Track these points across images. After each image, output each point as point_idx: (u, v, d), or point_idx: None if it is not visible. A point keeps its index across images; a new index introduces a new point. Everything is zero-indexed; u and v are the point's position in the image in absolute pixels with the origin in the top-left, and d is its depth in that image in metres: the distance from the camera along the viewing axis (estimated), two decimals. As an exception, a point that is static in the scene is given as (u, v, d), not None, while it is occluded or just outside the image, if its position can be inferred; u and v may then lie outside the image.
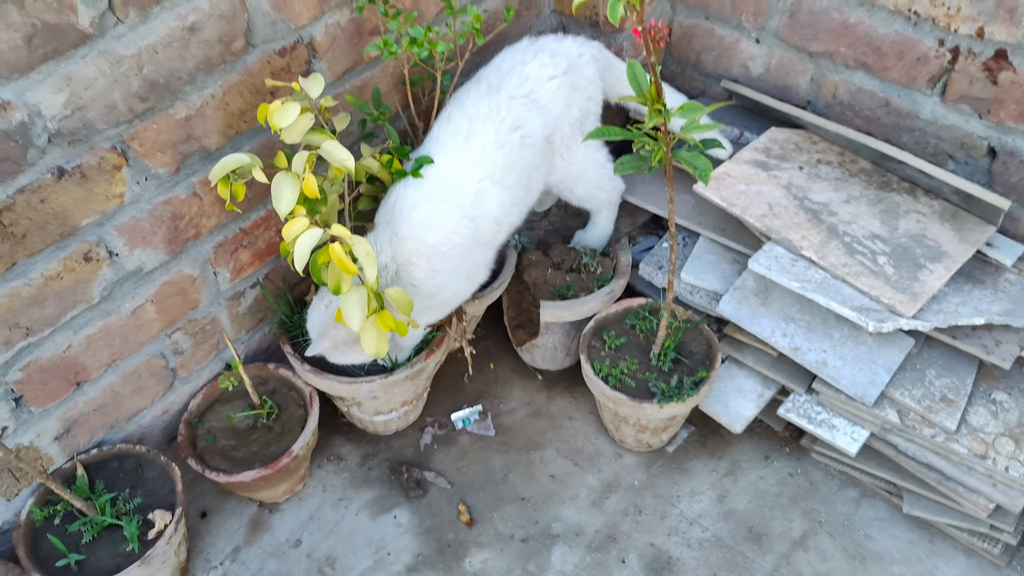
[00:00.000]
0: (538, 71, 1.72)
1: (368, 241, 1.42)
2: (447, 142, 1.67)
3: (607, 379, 1.79)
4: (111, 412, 1.71)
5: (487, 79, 1.71)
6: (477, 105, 1.67)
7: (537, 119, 1.71)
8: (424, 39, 1.61)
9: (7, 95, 1.28)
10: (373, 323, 1.49)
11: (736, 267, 1.90)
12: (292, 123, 1.44)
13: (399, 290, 1.51)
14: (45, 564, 1.54)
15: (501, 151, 1.66)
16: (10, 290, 1.43)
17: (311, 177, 1.41)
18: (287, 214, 1.40)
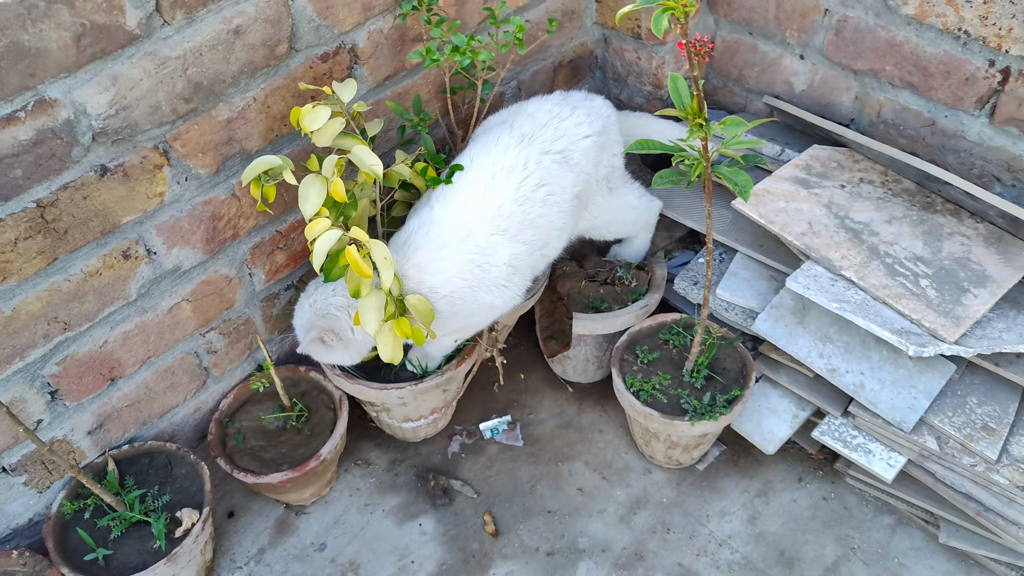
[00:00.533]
0: (575, 128, 1.69)
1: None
2: (465, 187, 1.61)
3: (638, 394, 1.77)
4: (144, 408, 1.72)
5: (520, 127, 1.65)
6: (505, 155, 1.61)
7: (568, 176, 1.66)
8: (467, 47, 1.61)
9: (55, 93, 1.30)
10: (389, 328, 1.49)
11: (773, 285, 1.88)
12: (323, 127, 1.45)
13: (420, 298, 1.50)
14: (73, 558, 1.55)
15: (521, 208, 1.60)
16: (50, 285, 1.44)
17: (339, 181, 1.41)
18: (312, 216, 1.41)
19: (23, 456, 1.56)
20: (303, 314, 1.64)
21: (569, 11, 2.07)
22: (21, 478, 1.58)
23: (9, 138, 1.28)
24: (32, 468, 1.59)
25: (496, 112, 1.81)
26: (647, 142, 1.42)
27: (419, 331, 1.51)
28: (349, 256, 1.37)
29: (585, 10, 2.11)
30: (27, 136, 1.30)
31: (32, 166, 1.33)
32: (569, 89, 2.22)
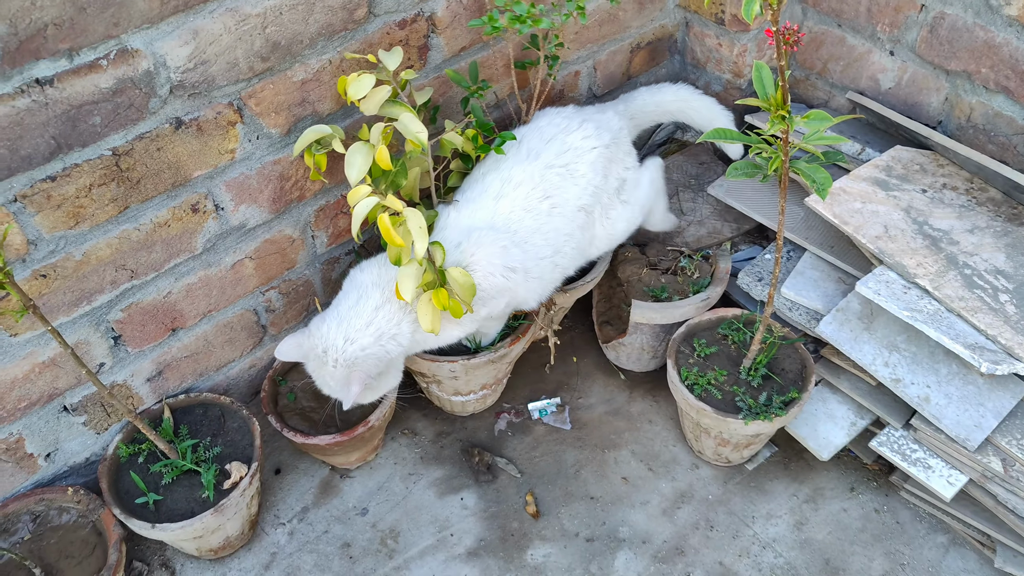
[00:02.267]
0: (580, 142, 1.71)
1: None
2: (475, 197, 1.65)
3: (692, 387, 1.74)
4: (202, 360, 1.75)
5: (527, 144, 1.69)
6: (511, 171, 1.66)
7: (572, 189, 1.69)
8: (528, 15, 1.58)
9: (137, 43, 1.32)
10: (428, 299, 1.48)
11: (841, 287, 1.82)
12: (368, 94, 1.44)
13: (461, 271, 1.49)
14: (125, 499, 1.59)
15: (528, 215, 1.64)
16: (121, 233, 1.47)
17: (384, 148, 1.41)
18: (356, 182, 1.41)
19: (84, 397, 1.60)
20: (329, 376, 1.56)
21: (652, -8, 2.02)
22: (81, 418, 1.62)
23: (91, 85, 1.30)
24: (92, 409, 1.63)
25: (547, 109, 1.81)
26: (723, 131, 1.38)
27: (457, 304, 1.50)
28: (380, 223, 1.36)
29: (668, -9, 2.06)
30: (108, 84, 1.32)
31: (110, 114, 1.34)
32: (647, 72, 2.19)
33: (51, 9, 1.20)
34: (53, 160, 1.32)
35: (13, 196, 1.31)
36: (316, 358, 1.56)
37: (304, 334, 1.58)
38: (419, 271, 1.44)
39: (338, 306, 1.59)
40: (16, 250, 1.36)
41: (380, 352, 1.55)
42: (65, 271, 1.44)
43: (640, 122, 2.00)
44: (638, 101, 1.96)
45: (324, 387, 1.60)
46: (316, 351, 1.55)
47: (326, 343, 1.54)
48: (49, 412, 1.57)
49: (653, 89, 1.98)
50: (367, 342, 1.54)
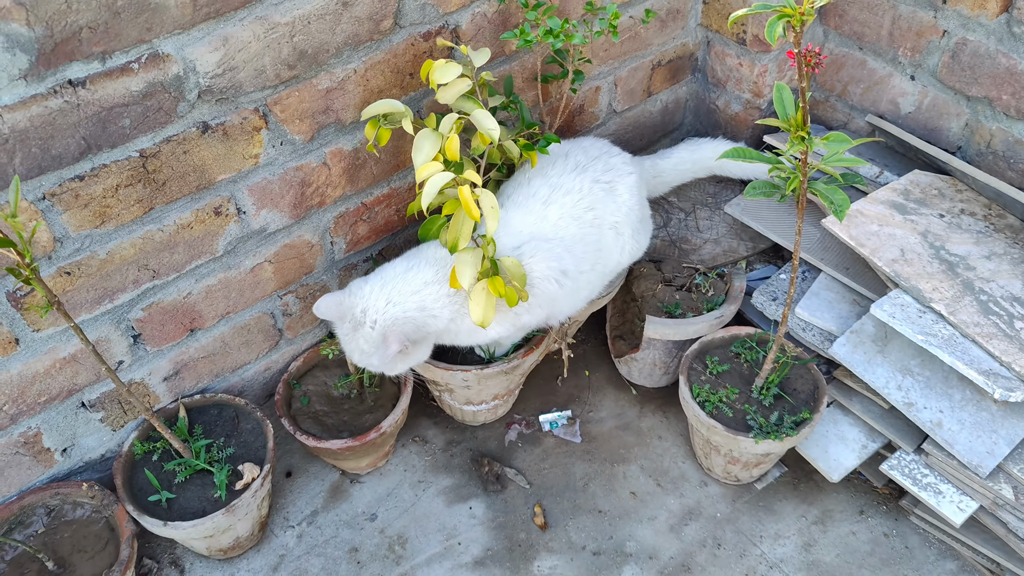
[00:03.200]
0: (621, 165, 1.78)
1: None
2: (522, 202, 1.68)
3: (704, 404, 1.74)
4: (218, 361, 1.77)
5: (575, 157, 1.75)
6: (561, 178, 1.70)
7: (611, 204, 1.74)
8: (560, 30, 1.60)
9: (168, 48, 1.34)
10: (484, 287, 1.49)
11: (855, 309, 1.82)
12: (451, 82, 1.46)
13: (514, 260, 1.50)
14: (138, 496, 1.61)
15: (575, 223, 1.69)
16: (145, 233, 1.50)
17: (455, 138, 1.42)
18: (422, 165, 1.42)
19: (102, 394, 1.63)
20: (363, 339, 1.57)
21: (674, 10, 2.04)
22: (98, 414, 1.64)
23: (122, 88, 1.32)
24: (109, 406, 1.65)
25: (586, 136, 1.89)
26: (742, 150, 1.39)
27: (512, 291, 1.51)
28: (461, 195, 1.36)
29: (690, 10, 2.08)
30: (138, 87, 1.34)
31: (140, 117, 1.37)
32: (667, 89, 2.20)
33: (87, 13, 1.23)
34: (82, 160, 1.35)
35: (42, 194, 1.34)
36: (352, 319, 1.57)
37: (344, 293, 1.60)
38: (479, 257, 1.45)
39: (383, 272, 1.61)
40: (43, 247, 1.38)
41: (420, 319, 1.57)
42: (89, 269, 1.46)
43: (670, 180, 2.09)
44: (673, 159, 2.05)
45: (355, 352, 1.60)
46: (355, 310, 1.56)
47: (366, 303, 1.56)
48: (68, 408, 1.59)
49: (691, 145, 2.08)
50: (409, 306, 1.56)
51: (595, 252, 1.73)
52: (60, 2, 1.20)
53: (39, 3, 1.18)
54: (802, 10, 1.08)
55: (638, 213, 1.82)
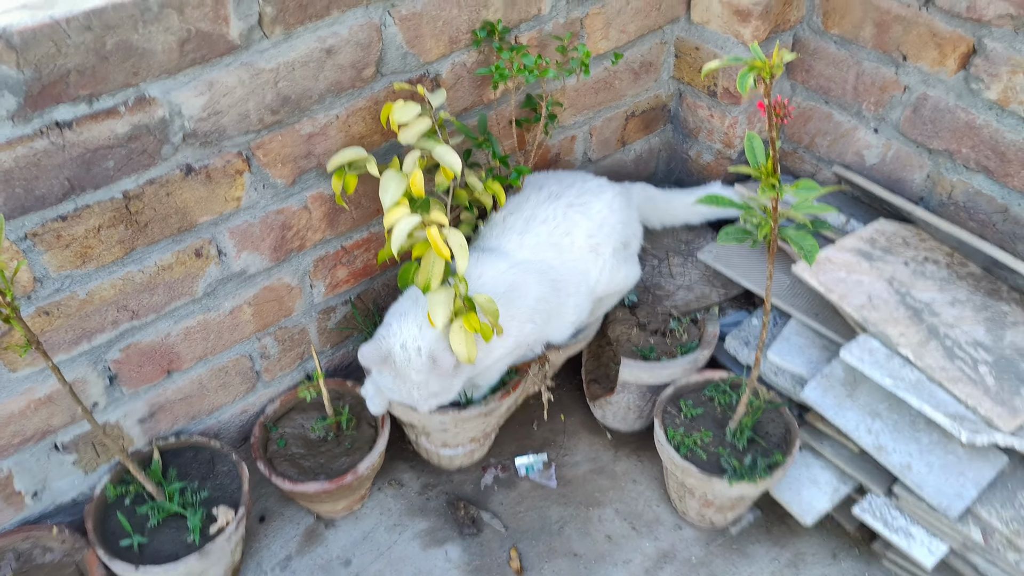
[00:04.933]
0: (595, 187, 1.86)
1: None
2: (497, 238, 1.76)
3: (679, 447, 1.76)
4: (195, 404, 1.76)
5: (549, 188, 1.81)
6: (536, 209, 1.78)
7: (586, 224, 1.79)
8: (535, 66, 1.65)
9: (154, 92, 1.37)
10: (461, 325, 1.51)
11: (826, 354, 1.86)
12: (410, 122, 1.50)
13: (487, 296, 1.53)
14: (110, 541, 1.59)
15: (552, 249, 1.75)
16: (125, 274, 1.50)
17: (418, 173, 1.46)
18: (390, 206, 1.45)
19: (76, 436, 1.61)
20: (414, 370, 1.59)
21: (647, 62, 2.11)
22: (71, 457, 1.63)
23: (107, 130, 1.34)
24: (83, 449, 1.63)
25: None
26: (717, 197, 1.43)
27: (487, 327, 1.53)
28: (430, 236, 1.40)
29: (663, 63, 2.15)
30: (124, 130, 1.36)
31: (124, 159, 1.39)
32: (641, 139, 2.26)
33: (75, 56, 1.25)
34: (66, 201, 1.36)
35: (24, 234, 1.35)
36: (393, 361, 1.59)
37: (375, 340, 1.62)
38: (450, 296, 1.48)
39: (396, 308, 1.66)
40: (23, 287, 1.39)
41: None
42: (69, 309, 1.46)
43: (683, 216, 2.16)
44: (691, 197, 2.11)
45: (414, 391, 1.61)
46: (393, 349, 1.59)
47: (402, 338, 1.59)
48: (41, 449, 1.58)
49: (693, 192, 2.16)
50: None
51: (577, 275, 1.78)
52: (50, 46, 1.22)
53: (29, 46, 1.20)
54: (772, 63, 1.13)
55: (620, 232, 1.85)
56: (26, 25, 1.19)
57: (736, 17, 1.95)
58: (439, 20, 1.64)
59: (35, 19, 1.20)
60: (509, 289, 1.66)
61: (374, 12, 1.54)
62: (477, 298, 1.52)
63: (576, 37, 1.89)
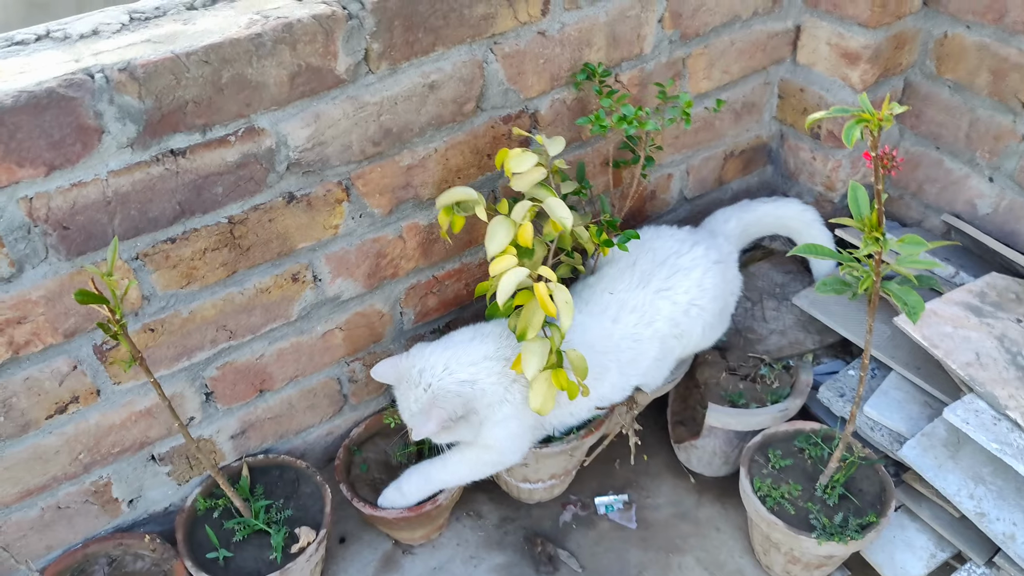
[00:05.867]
0: (688, 263, 1.79)
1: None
2: (594, 311, 1.74)
3: (765, 499, 1.71)
4: (283, 423, 1.81)
5: (641, 266, 1.78)
6: (628, 294, 1.76)
7: (673, 312, 1.77)
8: (634, 117, 1.64)
9: (263, 123, 1.42)
10: (547, 378, 1.50)
11: (927, 411, 1.78)
12: (526, 171, 1.51)
13: (579, 354, 1.51)
14: (197, 553, 1.63)
15: (634, 344, 1.74)
16: (226, 295, 1.56)
17: (528, 225, 1.45)
18: (496, 254, 1.45)
19: (171, 448, 1.67)
20: (414, 399, 1.59)
21: (750, 103, 2.07)
22: (166, 468, 1.69)
23: (218, 158, 1.40)
24: (177, 461, 1.69)
25: (663, 227, 1.91)
26: (815, 247, 1.39)
27: (573, 385, 1.52)
28: (538, 292, 1.39)
29: (766, 104, 2.11)
30: (233, 158, 1.42)
31: (232, 185, 1.44)
32: (739, 179, 2.22)
33: (193, 88, 1.31)
34: (176, 224, 1.42)
35: (136, 254, 1.41)
36: (409, 379, 1.60)
37: (402, 356, 1.64)
38: (546, 348, 1.48)
39: (449, 338, 1.66)
40: (132, 304, 1.45)
41: (468, 394, 1.58)
42: (172, 327, 1.52)
43: (752, 234, 2.10)
44: (756, 213, 2.05)
45: (405, 411, 1.63)
46: (412, 371, 1.60)
47: (424, 364, 1.59)
48: (138, 460, 1.64)
49: (777, 203, 2.08)
50: (464, 377, 1.58)
51: (652, 362, 1.78)
52: (169, 78, 1.28)
53: (151, 78, 1.27)
54: (880, 116, 1.09)
55: (711, 309, 1.81)
56: (149, 59, 1.26)
57: (844, 60, 1.90)
58: (541, 58, 1.65)
59: (157, 53, 1.27)
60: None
61: (478, 49, 1.57)
62: (569, 354, 1.51)
63: (678, 78, 1.87)
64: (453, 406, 1.56)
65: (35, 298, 1.36)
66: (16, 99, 1.19)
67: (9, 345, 1.38)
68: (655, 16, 1.76)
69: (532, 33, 1.62)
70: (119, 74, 1.25)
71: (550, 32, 1.64)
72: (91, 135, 1.27)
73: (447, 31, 1.51)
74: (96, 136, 1.28)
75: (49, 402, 1.48)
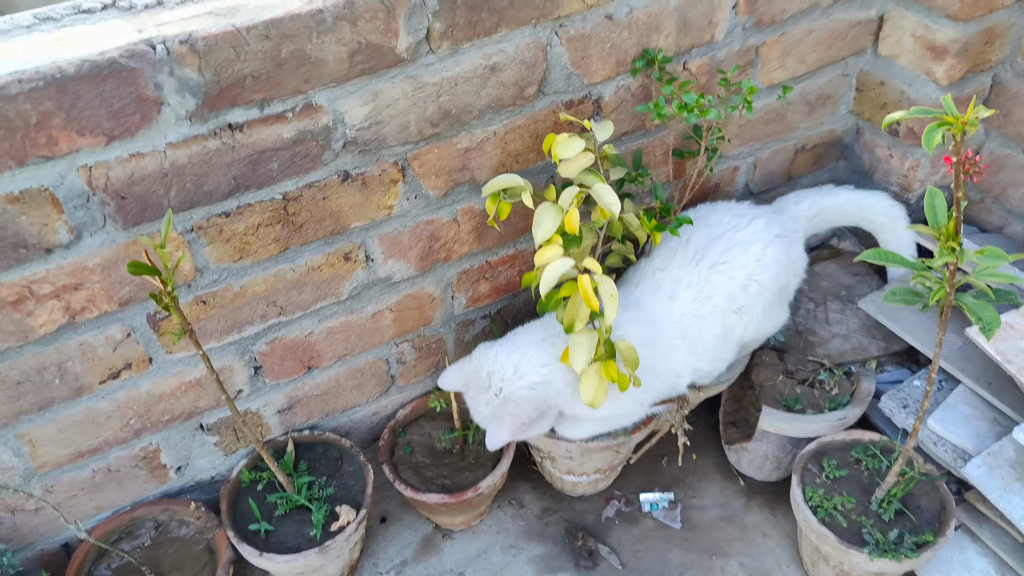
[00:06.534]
0: (748, 237, 1.72)
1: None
2: (650, 292, 1.70)
3: (816, 510, 1.65)
4: (330, 401, 1.81)
5: (695, 241, 1.72)
6: (681, 270, 1.70)
7: (731, 287, 1.69)
8: (696, 105, 1.57)
9: (321, 100, 1.41)
10: (597, 370, 1.46)
11: (995, 428, 1.69)
12: (573, 157, 1.46)
13: (629, 344, 1.47)
14: (239, 523, 1.65)
15: (696, 319, 1.68)
16: (277, 271, 1.56)
17: (575, 212, 1.41)
18: (543, 242, 1.42)
19: (219, 419, 1.69)
20: (485, 402, 1.58)
21: (825, 95, 1.98)
22: (214, 438, 1.71)
23: (275, 134, 1.39)
24: (224, 432, 1.71)
25: (719, 203, 1.84)
26: (885, 253, 1.32)
27: (624, 377, 1.48)
28: (581, 285, 1.36)
29: (842, 97, 2.02)
30: (290, 135, 1.41)
31: (287, 162, 1.43)
32: (809, 175, 2.14)
33: (252, 63, 1.30)
34: (230, 198, 1.42)
35: (190, 226, 1.42)
36: (478, 383, 1.58)
37: (467, 359, 1.61)
38: (593, 340, 1.44)
39: (516, 337, 1.62)
40: (185, 276, 1.46)
41: (542, 396, 1.55)
42: (223, 300, 1.53)
43: (826, 222, 1.96)
44: (837, 199, 1.91)
45: (477, 413, 1.62)
46: (479, 375, 1.57)
47: (492, 367, 1.56)
48: (187, 428, 1.66)
49: (862, 193, 1.93)
50: (536, 380, 1.54)
51: (715, 340, 1.71)
52: (230, 51, 1.28)
53: (211, 52, 1.26)
54: (965, 119, 1.02)
55: (771, 287, 1.73)
56: (210, 32, 1.25)
57: (930, 53, 1.80)
58: (607, 42, 1.60)
59: (218, 26, 1.26)
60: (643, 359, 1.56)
61: (542, 32, 1.53)
62: (619, 344, 1.47)
63: (750, 66, 1.80)
64: (526, 411, 1.54)
65: (92, 265, 1.38)
66: (79, 68, 1.20)
67: (66, 310, 1.40)
68: (730, 2, 1.69)
69: (599, 16, 1.57)
70: (180, 46, 1.24)
71: (617, 16, 1.58)
72: (150, 106, 1.28)
73: (511, 12, 1.47)
74: (155, 108, 1.28)
75: (103, 368, 1.50)
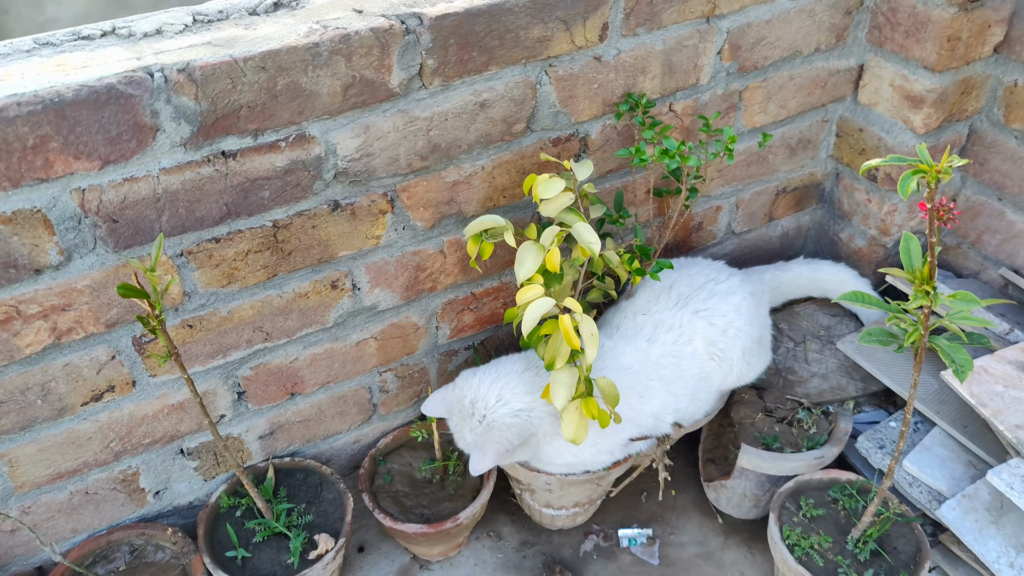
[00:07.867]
0: (725, 290, 1.80)
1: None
2: (630, 336, 1.74)
3: (793, 548, 1.66)
4: (312, 427, 1.82)
5: (678, 289, 1.79)
6: (663, 314, 1.76)
7: (710, 332, 1.76)
8: (676, 151, 1.61)
9: (314, 131, 1.43)
10: (577, 407, 1.48)
11: (970, 471, 1.71)
12: (553, 196, 1.49)
13: (609, 381, 1.49)
14: (216, 549, 1.64)
15: (675, 361, 1.73)
16: (264, 297, 1.57)
17: (556, 251, 1.44)
18: (524, 280, 1.44)
19: (200, 444, 1.69)
20: (469, 429, 1.59)
21: (806, 140, 2.03)
22: (194, 463, 1.71)
23: (267, 163, 1.42)
24: (205, 456, 1.71)
25: (698, 258, 1.93)
26: (861, 294, 1.35)
27: (604, 413, 1.50)
28: (562, 324, 1.38)
29: (822, 142, 2.06)
30: (282, 164, 1.43)
31: (278, 190, 1.46)
32: (789, 216, 2.18)
33: (248, 93, 1.33)
34: (221, 224, 1.44)
35: (180, 251, 1.43)
36: (461, 410, 1.60)
37: (450, 387, 1.63)
38: (574, 378, 1.46)
39: (499, 365, 1.64)
40: (172, 299, 1.47)
41: (525, 423, 1.58)
42: (209, 325, 1.54)
43: (787, 292, 2.10)
44: (792, 272, 2.07)
45: (461, 440, 1.63)
46: (463, 402, 1.59)
47: (475, 395, 1.58)
48: (167, 452, 1.66)
49: (811, 264, 2.09)
50: (518, 407, 1.57)
51: (695, 381, 1.75)
52: (226, 81, 1.30)
53: (208, 81, 1.29)
54: (939, 168, 1.06)
55: (748, 333, 1.80)
56: (207, 62, 1.28)
57: (907, 102, 1.85)
58: (595, 83, 1.64)
59: (216, 56, 1.29)
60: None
61: (531, 70, 1.56)
62: (599, 381, 1.49)
63: (733, 109, 1.84)
64: (509, 438, 1.56)
65: (81, 287, 1.39)
66: (77, 93, 1.22)
67: (52, 331, 1.41)
68: (714, 48, 1.74)
69: (587, 57, 1.61)
70: (178, 75, 1.27)
71: (605, 57, 1.63)
72: (146, 133, 1.30)
73: (502, 51, 1.51)
74: (151, 134, 1.30)
75: (86, 389, 1.50)
